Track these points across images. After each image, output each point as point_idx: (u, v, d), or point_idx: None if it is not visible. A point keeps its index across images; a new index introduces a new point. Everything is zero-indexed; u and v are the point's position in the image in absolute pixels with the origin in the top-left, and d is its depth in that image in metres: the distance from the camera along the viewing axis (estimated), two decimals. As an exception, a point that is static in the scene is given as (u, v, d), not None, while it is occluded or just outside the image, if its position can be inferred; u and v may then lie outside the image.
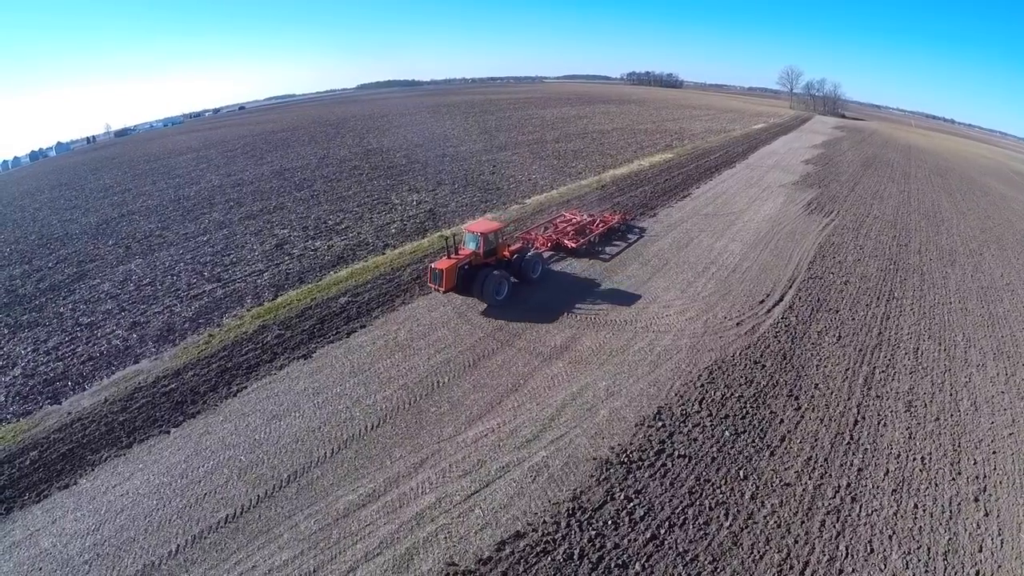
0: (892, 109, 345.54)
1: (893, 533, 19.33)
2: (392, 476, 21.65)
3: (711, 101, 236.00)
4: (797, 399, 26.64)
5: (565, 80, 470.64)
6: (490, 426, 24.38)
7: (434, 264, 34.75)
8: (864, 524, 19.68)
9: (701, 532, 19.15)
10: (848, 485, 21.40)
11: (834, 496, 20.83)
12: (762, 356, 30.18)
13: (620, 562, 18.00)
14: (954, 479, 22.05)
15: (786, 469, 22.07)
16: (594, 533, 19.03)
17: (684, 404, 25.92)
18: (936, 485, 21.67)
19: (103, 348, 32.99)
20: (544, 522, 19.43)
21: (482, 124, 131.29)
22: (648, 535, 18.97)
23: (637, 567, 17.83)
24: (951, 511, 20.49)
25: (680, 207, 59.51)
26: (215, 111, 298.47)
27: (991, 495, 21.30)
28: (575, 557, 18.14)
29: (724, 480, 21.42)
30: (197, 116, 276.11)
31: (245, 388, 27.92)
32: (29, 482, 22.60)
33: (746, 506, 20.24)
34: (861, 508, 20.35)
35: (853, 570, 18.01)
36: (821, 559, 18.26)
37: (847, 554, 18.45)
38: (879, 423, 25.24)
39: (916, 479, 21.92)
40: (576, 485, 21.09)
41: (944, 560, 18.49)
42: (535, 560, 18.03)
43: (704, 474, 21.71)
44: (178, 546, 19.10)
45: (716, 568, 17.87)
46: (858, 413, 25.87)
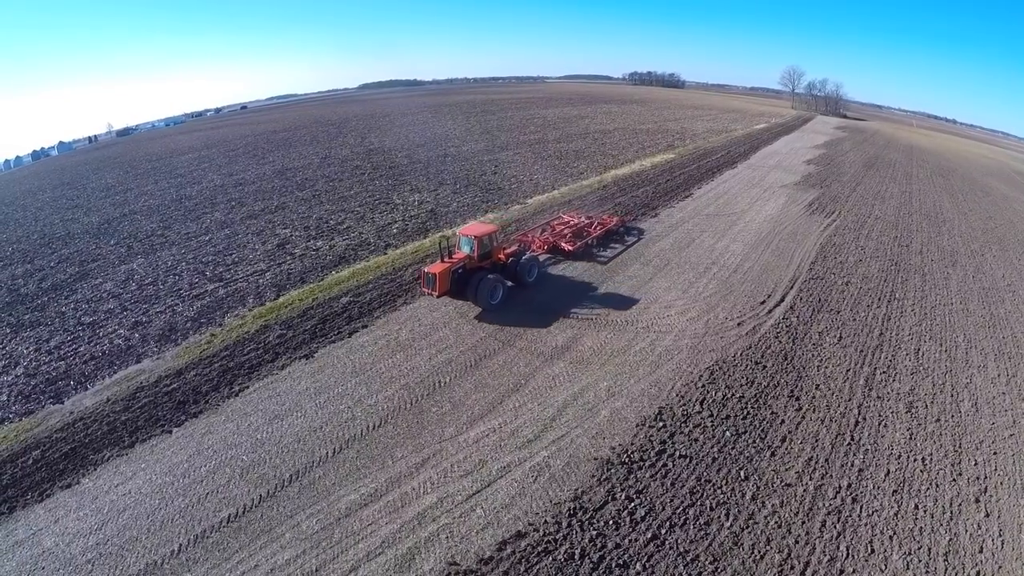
0: (894, 109, 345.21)
1: (894, 534, 19.34)
2: (394, 476, 21.69)
3: (713, 101, 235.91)
4: (798, 400, 26.66)
5: (567, 80, 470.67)
6: (491, 426, 24.41)
7: (427, 268, 34.31)
8: (865, 525, 19.69)
9: (702, 532, 19.17)
10: (849, 486, 21.41)
11: (835, 497, 20.84)
12: (763, 357, 30.19)
13: (621, 562, 18.02)
14: (955, 480, 22.04)
15: (787, 469, 22.09)
16: (595, 533, 19.06)
17: (685, 404, 25.94)
18: (937, 486, 21.67)
19: (105, 347, 33.05)
20: (545, 522, 19.46)
21: (484, 124, 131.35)
22: (649, 535, 19.00)
23: (638, 567, 17.86)
24: (952, 512, 20.48)
25: (682, 207, 59.52)
26: (217, 111, 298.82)
27: (992, 496, 21.29)
28: (576, 557, 18.17)
29: (725, 480, 21.44)
30: (199, 116, 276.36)
31: (247, 388, 27.97)
32: (31, 481, 22.64)
33: (747, 506, 20.26)
34: (862, 509, 20.36)
35: (854, 571, 18.01)
36: (822, 559, 18.27)
37: (848, 554, 18.46)
38: (880, 424, 25.24)
39: (917, 480, 21.92)
40: (577, 485, 21.11)
41: (945, 561, 18.50)
42: (536, 560, 18.05)
43: (705, 474, 21.73)
44: (180, 545, 19.13)
45: (717, 568, 17.89)
46: (859, 414, 25.86)
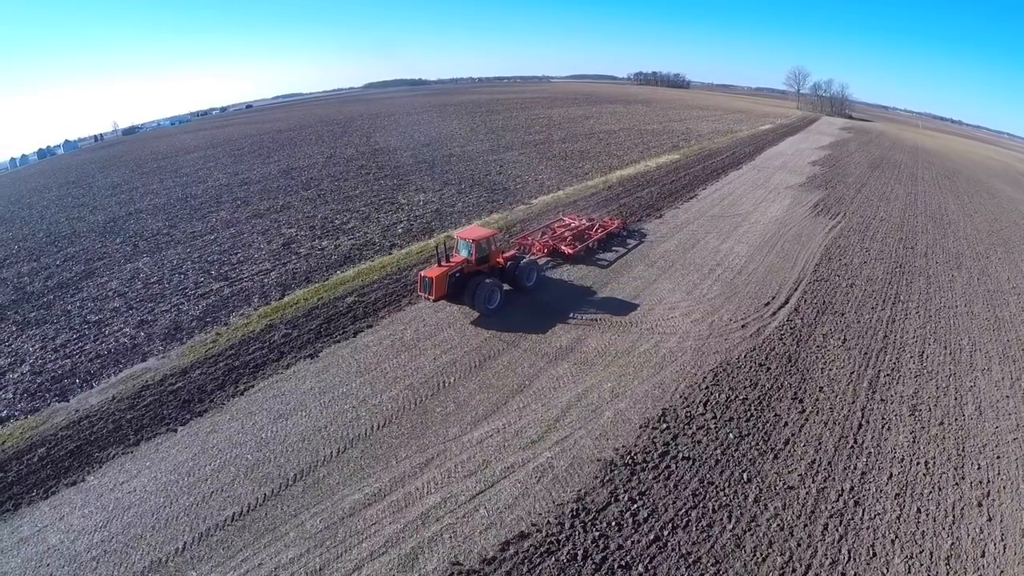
0: (899, 110, 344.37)
1: (896, 537, 19.36)
2: (398, 476, 21.78)
3: (718, 101, 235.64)
4: (801, 402, 26.67)
5: (572, 80, 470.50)
6: (495, 427, 24.49)
7: (424, 272, 33.86)
8: (867, 528, 19.70)
9: (704, 534, 19.22)
10: (851, 489, 21.42)
11: (837, 500, 20.86)
12: (767, 359, 30.20)
13: (623, 563, 18.08)
14: (957, 484, 22.03)
15: (790, 472, 22.11)
16: (598, 534, 19.12)
17: (688, 406, 25.97)
18: (939, 490, 21.66)
19: (111, 346, 33.24)
20: (548, 523, 19.53)
21: (488, 124, 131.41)
22: (651, 537, 19.05)
23: (640, 568, 17.92)
24: (954, 516, 20.47)
25: (686, 208, 59.52)
26: (222, 109, 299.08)
27: (994, 500, 21.27)
28: (579, 558, 18.23)
29: (728, 483, 21.48)
30: (204, 115, 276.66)
31: (252, 387, 28.10)
32: (37, 479, 22.81)
33: (749, 509, 20.30)
34: (864, 512, 20.37)
35: (856, 574, 18.04)
36: (824, 563, 18.29)
37: (850, 558, 18.48)
38: (883, 427, 25.23)
39: (919, 483, 21.91)
40: (580, 486, 21.18)
41: (947, 565, 18.51)
42: (539, 560, 18.13)
43: (708, 476, 21.77)
44: (185, 543, 19.26)
45: (719, 570, 17.93)
46: (862, 417, 25.85)
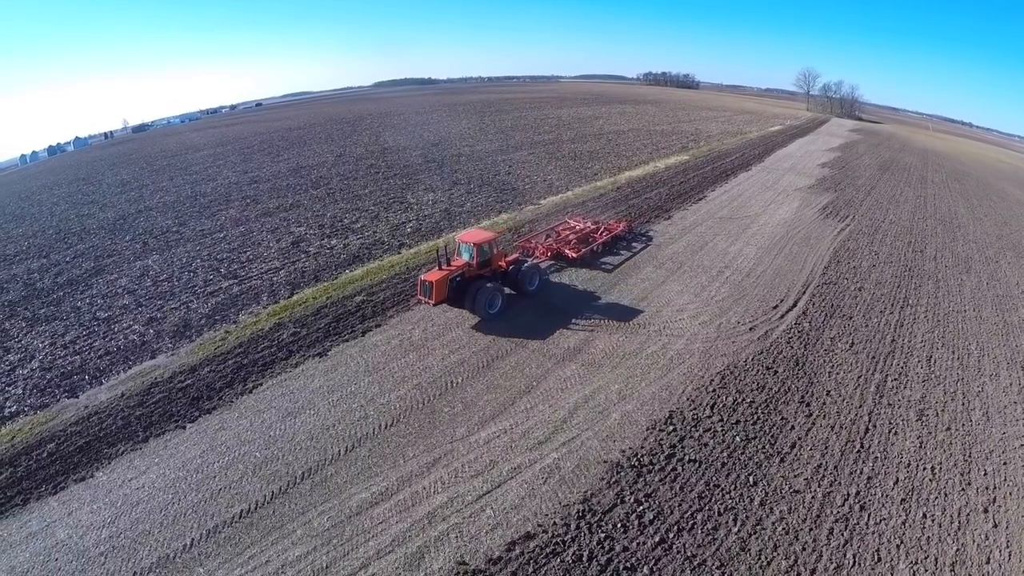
0: (910, 112, 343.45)
1: (901, 542, 19.34)
2: (405, 475, 21.90)
3: (727, 102, 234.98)
4: (808, 406, 26.65)
5: (581, 80, 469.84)
6: (503, 427, 24.58)
7: (423, 275, 33.29)
8: (872, 533, 19.69)
9: (709, 537, 19.25)
10: (857, 493, 21.40)
11: (843, 504, 20.85)
12: (774, 362, 30.18)
13: (628, 565, 18.14)
14: (964, 489, 21.97)
15: (796, 476, 22.11)
16: (603, 535, 19.18)
17: (695, 408, 26.00)
18: (945, 495, 21.62)
19: (120, 343, 33.49)
20: (554, 523, 19.61)
21: (498, 123, 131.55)
22: (657, 539, 19.10)
23: (645, 570, 17.97)
24: (960, 522, 20.43)
25: (695, 210, 59.47)
26: (232, 107, 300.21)
27: (1000, 506, 21.21)
28: (584, 559, 18.30)
29: (734, 486, 21.50)
30: (214, 112, 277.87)
31: (260, 385, 28.30)
32: (46, 474, 23.07)
33: (755, 512, 20.32)
34: (870, 517, 20.36)
35: (861, 578, 18.09)
36: (828, 567, 18.29)
37: (854, 562, 18.48)
38: (890, 431, 25.18)
39: (926, 489, 21.87)
40: (587, 487, 21.24)
41: (951, 571, 18.47)
42: (544, 561, 18.20)
43: (714, 479, 21.80)
44: (193, 540, 19.44)
45: (724, 573, 17.97)
46: (869, 421, 25.82)
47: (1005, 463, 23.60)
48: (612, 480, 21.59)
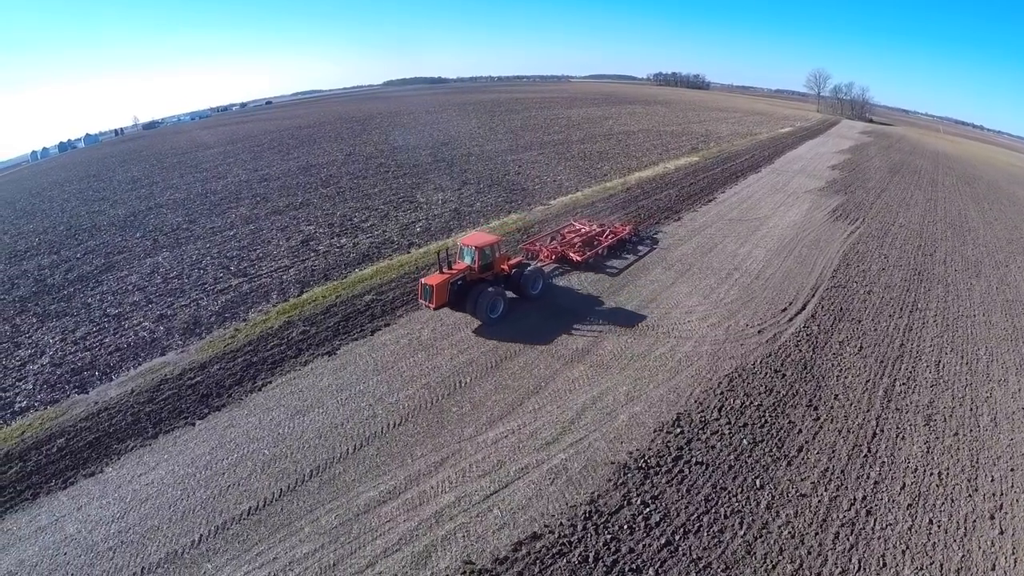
0: (921, 114, 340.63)
1: (907, 548, 19.31)
2: (413, 474, 22.03)
3: (737, 103, 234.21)
4: (816, 409, 26.62)
5: (591, 80, 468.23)
6: (511, 427, 24.67)
7: (424, 279, 33.06)
8: (878, 538, 19.67)
9: (715, 540, 19.29)
10: (864, 498, 21.38)
11: (849, 509, 20.83)
12: (783, 365, 30.15)
13: (634, 566, 18.20)
14: (970, 496, 21.92)
15: (802, 480, 22.11)
16: (609, 537, 19.24)
17: (703, 411, 26.02)
18: (952, 501, 21.57)
19: (130, 339, 33.76)
20: (561, 524, 19.69)
21: (508, 123, 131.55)
22: (663, 541, 19.15)
23: (651, 572, 18.02)
24: (966, 528, 20.38)
25: (705, 211, 59.41)
26: (242, 105, 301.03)
27: (1007, 513, 21.14)
28: (590, 560, 18.37)
29: (740, 489, 21.52)
30: (224, 110, 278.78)
31: (270, 383, 28.47)
32: (56, 469, 23.31)
33: (761, 515, 20.33)
34: (876, 522, 20.33)
35: (866, 583, 18.09)
36: (833, 572, 18.28)
37: (860, 567, 18.46)
38: (897, 436, 25.12)
39: (932, 494, 21.83)
40: (594, 489, 21.31)
41: (957, 577, 18.51)
42: (551, 561, 18.28)
43: (720, 482, 21.82)
44: (201, 536, 19.62)
45: (729, 576, 18.05)
46: (877, 425, 25.77)
47: (1012, 469, 23.51)
48: (619, 482, 21.65)
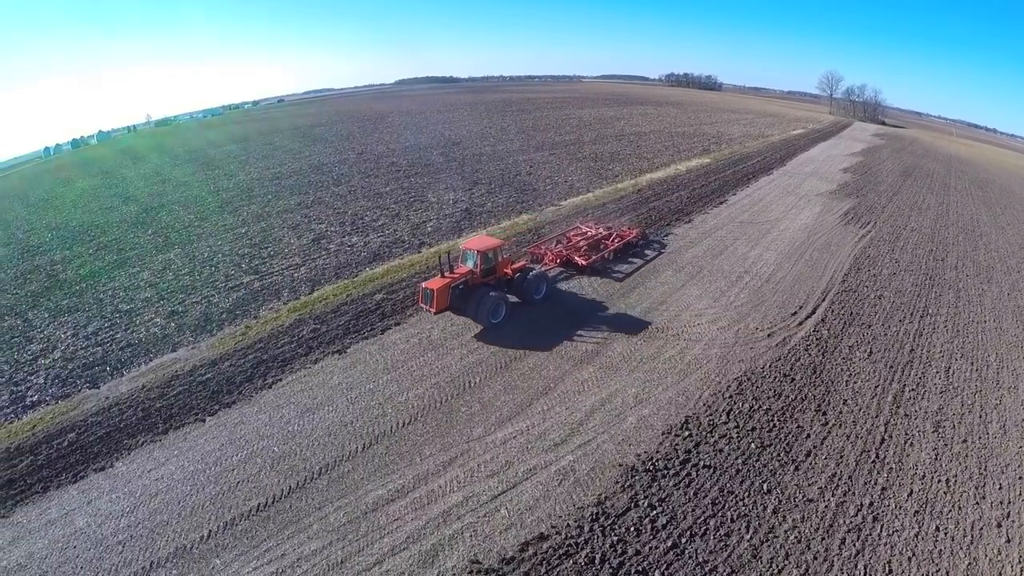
0: (933, 117, 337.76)
1: (913, 555, 19.27)
2: (421, 473, 22.15)
3: (749, 105, 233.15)
4: (825, 414, 26.56)
5: (603, 80, 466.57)
6: (519, 428, 24.75)
7: (425, 283, 32.72)
8: (885, 544, 19.64)
9: (722, 544, 19.31)
10: (871, 504, 21.34)
11: (856, 514, 20.80)
12: (792, 369, 30.10)
13: (640, 569, 18.25)
14: (978, 503, 21.83)
15: (810, 485, 22.08)
16: (616, 539, 19.30)
17: (712, 414, 26.01)
18: (959, 508, 21.48)
19: (141, 335, 34.01)
20: (568, 525, 19.76)
21: (519, 123, 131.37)
22: (669, 543, 19.19)
23: (656, 574, 18.08)
24: (973, 536, 20.31)
25: (716, 213, 59.24)
26: (254, 103, 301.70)
27: (1015, 521, 21.04)
28: (596, 561, 18.44)
29: (747, 493, 21.52)
30: (236, 107, 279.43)
31: (280, 380, 28.66)
32: (66, 463, 23.57)
33: (768, 520, 20.34)
34: (883, 528, 20.30)
35: (873, 589, 18.07)
36: (841, 577, 18.34)
37: (866, 573, 18.44)
38: (906, 442, 25.03)
39: (940, 501, 21.75)
40: (601, 490, 21.36)
41: (965, 584, 18.46)
42: (557, 562, 18.35)
43: (728, 486, 21.84)
44: (210, 531, 19.81)
45: (735, 580, 18.07)
46: (885, 431, 25.68)
47: (1021, 478, 23.37)
48: (627, 484, 21.69)
